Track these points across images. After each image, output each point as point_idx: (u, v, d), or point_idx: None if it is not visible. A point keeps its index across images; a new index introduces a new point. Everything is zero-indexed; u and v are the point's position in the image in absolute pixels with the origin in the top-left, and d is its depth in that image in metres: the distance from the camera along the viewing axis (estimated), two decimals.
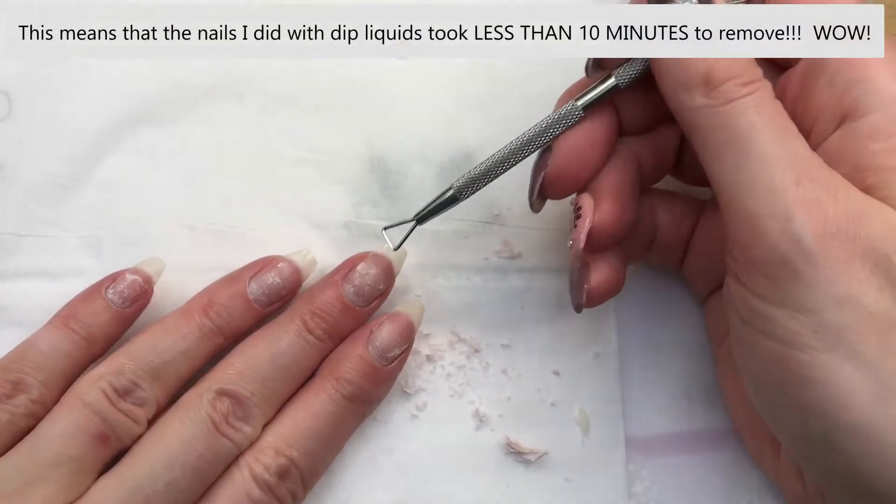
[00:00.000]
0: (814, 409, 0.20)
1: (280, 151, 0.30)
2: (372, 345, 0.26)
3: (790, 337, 0.20)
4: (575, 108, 0.24)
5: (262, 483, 0.24)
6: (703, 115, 0.22)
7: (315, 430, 0.25)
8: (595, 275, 0.25)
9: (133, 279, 0.26)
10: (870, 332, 0.19)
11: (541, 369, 0.29)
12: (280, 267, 0.27)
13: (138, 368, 0.25)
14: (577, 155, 0.25)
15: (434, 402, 0.29)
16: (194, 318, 0.26)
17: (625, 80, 0.24)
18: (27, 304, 0.28)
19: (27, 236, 0.29)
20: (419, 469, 0.28)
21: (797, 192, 0.20)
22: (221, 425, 0.24)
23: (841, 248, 0.20)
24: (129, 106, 0.30)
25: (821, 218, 0.20)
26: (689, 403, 0.30)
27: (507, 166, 0.25)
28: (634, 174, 0.25)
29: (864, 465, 0.20)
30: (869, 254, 0.20)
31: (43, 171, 0.29)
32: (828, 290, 0.20)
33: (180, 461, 0.24)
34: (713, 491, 0.29)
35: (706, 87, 0.21)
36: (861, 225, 0.20)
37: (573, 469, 0.29)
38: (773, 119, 0.21)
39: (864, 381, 0.19)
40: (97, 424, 0.24)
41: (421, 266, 0.29)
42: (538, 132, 0.25)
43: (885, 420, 0.19)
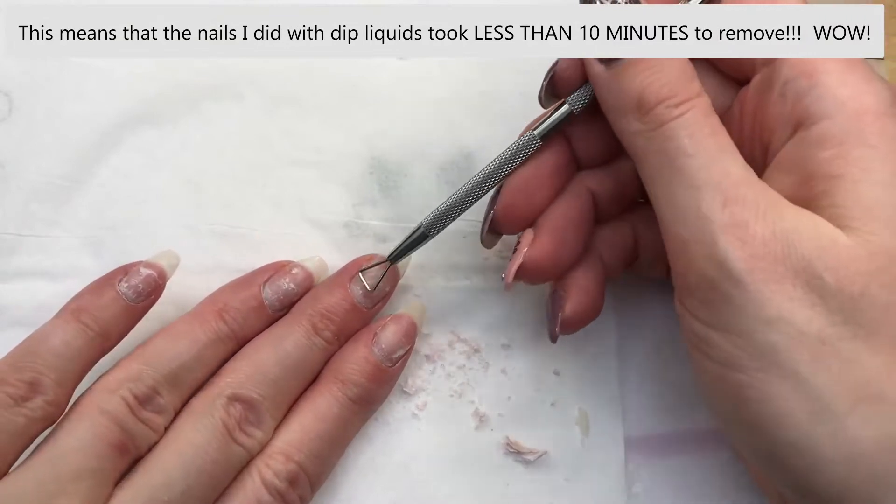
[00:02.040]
0: (756, 427, 0.20)
1: (280, 152, 0.30)
2: (377, 346, 0.26)
3: (727, 358, 0.20)
4: (532, 137, 0.24)
5: (272, 489, 0.24)
6: (639, 140, 0.22)
7: (322, 433, 0.25)
8: (569, 304, 0.25)
9: (148, 273, 0.25)
10: (802, 350, 0.19)
11: (540, 369, 0.29)
12: (295, 273, 0.27)
13: (157, 374, 0.24)
14: (523, 192, 0.25)
15: (434, 401, 0.29)
16: (209, 322, 0.26)
17: (578, 105, 0.24)
18: (28, 304, 0.28)
19: (28, 236, 0.29)
20: (419, 469, 0.28)
21: (723, 216, 0.20)
22: (234, 431, 0.24)
23: (769, 269, 0.20)
24: (129, 106, 0.30)
25: (747, 241, 0.20)
26: (689, 403, 0.30)
27: (471, 200, 0.25)
28: (583, 209, 0.25)
29: (810, 480, 0.20)
30: (801, 272, 0.19)
31: (43, 172, 0.29)
32: (757, 311, 0.20)
33: (195, 468, 0.23)
34: (712, 491, 0.29)
35: (639, 111, 0.21)
36: (792, 244, 0.20)
37: (573, 469, 0.29)
38: (705, 139, 0.21)
39: (799, 398, 0.19)
40: (117, 434, 0.23)
41: (421, 266, 0.30)
42: (498, 165, 0.25)
43: (821, 437, 0.19)
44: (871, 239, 0.20)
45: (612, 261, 0.27)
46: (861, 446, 0.19)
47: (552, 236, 0.25)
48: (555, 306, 0.26)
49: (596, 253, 0.26)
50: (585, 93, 0.24)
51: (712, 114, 0.21)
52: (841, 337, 0.19)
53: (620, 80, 0.22)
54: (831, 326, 0.19)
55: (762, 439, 0.20)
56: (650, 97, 0.21)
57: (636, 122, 0.22)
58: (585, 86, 0.24)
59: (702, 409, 0.30)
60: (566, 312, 0.25)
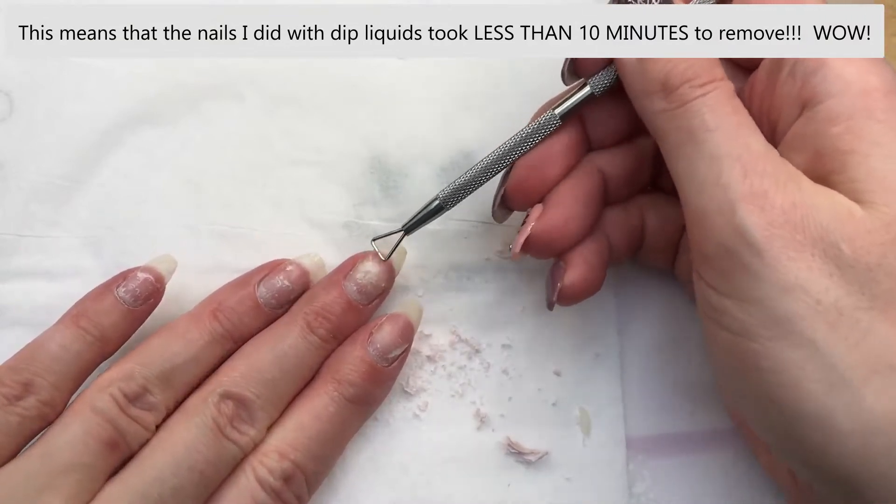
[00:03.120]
0: (771, 398, 0.20)
1: (280, 152, 0.30)
2: (372, 346, 0.26)
3: (742, 327, 0.21)
4: (553, 116, 0.25)
5: (267, 487, 0.24)
6: (662, 119, 0.22)
7: (319, 432, 0.25)
8: (569, 274, 0.26)
9: (145, 277, 0.26)
10: (819, 319, 0.20)
11: (542, 369, 0.29)
12: (289, 270, 0.27)
13: (148, 373, 0.25)
14: (535, 168, 0.25)
15: (435, 402, 0.29)
16: (204, 322, 0.26)
17: (599, 88, 0.24)
18: (28, 305, 0.28)
19: (28, 236, 0.29)
20: (420, 469, 0.28)
21: (744, 185, 0.20)
22: (226, 428, 0.24)
23: (788, 238, 0.20)
24: (129, 106, 0.30)
25: (767, 209, 0.20)
26: (690, 403, 0.30)
27: (489, 175, 0.26)
28: (593, 187, 0.26)
29: (825, 453, 0.20)
30: (818, 242, 0.20)
31: (44, 172, 0.29)
32: (775, 279, 0.20)
33: (186, 465, 0.24)
34: (713, 491, 0.29)
35: (664, 91, 0.22)
36: (810, 214, 0.20)
37: (574, 469, 0.29)
38: (727, 117, 0.21)
39: (815, 368, 0.20)
40: (107, 431, 0.24)
41: (422, 266, 0.29)
42: (518, 141, 0.25)
43: (838, 408, 0.19)
44: (886, 210, 0.20)
45: (618, 242, 0.27)
46: (877, 418, 0.19)
47: (560, 210, 0.25)
48: (555, 275, 0.26)
49: (602, 232, 0.27)
50: (607, 76, 0.24)
51: (735, 96, 0.22)
52: (857, 307, 0.19)
53: (647, 65, 0.22)
54: (848, 296, 0.19)
55: (775, 412, 0.20)
56: (675, 78, 0.22)
57: (661, 101, 0.22)
58: (607, 69, 0.24)
59: (703, 409, 0.30)
60: (565, 282, 0.26)
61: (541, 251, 0.26)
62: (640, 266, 0.30)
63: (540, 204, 0.26)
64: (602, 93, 0.25)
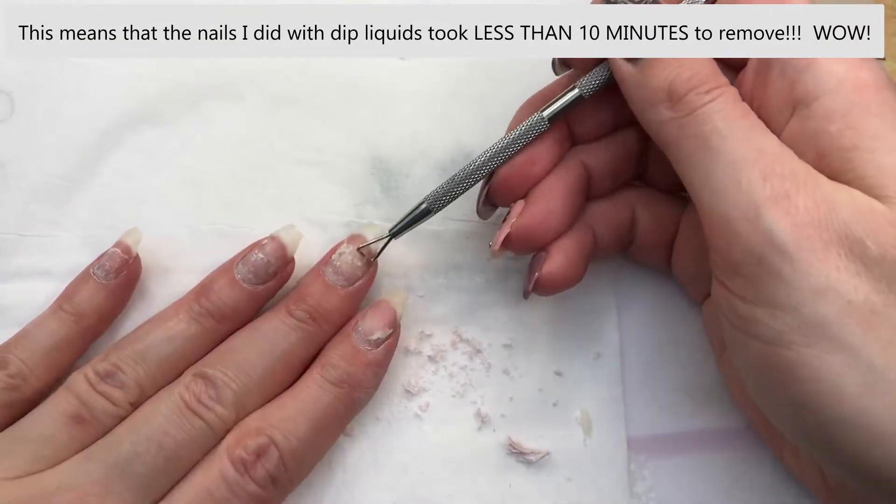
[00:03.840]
0: (807, 404, 0.20)
1: (281, 152, 0.30)
2: (355, 331, 0.27)
3: (774, 336, 0.20)
4: (541, 119, 0.25)
5: (237, 460, 0.24)
6: (671, 128, 0.22)
7: (299, 412, 0.25)
8: (548, 264, 0.26)
9: (113, 251, 0.27)
10: (852, 320, 0.19)
11: (543, 369, 0.29)
12: (263, 244, 0.27)
13: (122, 353, 0.25)
14: (518, 165, 0.25)
15: (436, 402, 0.29)
16: (184, 305, 0.26)
17: (588, 90, 0.24)
18: (28, 304, 0.28)
19: (28, 236, 0.29)
20: (421, 469, 0.28)
21: (765, 188, 0.20)
22: (192, 404, 0.25)
23: (815, 238, 0.20)
24: (129, 106, 0.30)
25: (791, 211, 0.20)
26: (691, 403, 0.30)
27: (476, 177, 0.26)
28: (575, 181, 0.26)
29: (866, 456, 0.19)
30: (843, 240, 0.20)
31: (44, 172, 0.29)
32: (806, 282, 0.19)
33: (155, 441, 0.24)
34: (714, 491, 0.29)
35: (670, 100, 0.22)
36: (832, 211, 0.20)
37: (575, 469, 0.29)
38: (738, 121, 0.21)
39: (852, 371, 0.19)
40: (73, 405, 0.25)
41: (423, 266, 0.29)
42: (507, 144, 0.25)
43: (877, 409, 0.19)
44: None
45: (605, 236, 0.27)
46: None
47: (540, 206, 0.25)
48: (533, 265, 0.26)
49: (586, 225, 0.27)
50: (596, 78, 0.24)
51: (740, 100, 0.22)
52: (888, 304, 0.19)
53: (648, 74, 0.22)
54: (877, 294, 0.19)
55: (812, 418, 0.20)
56: (680, 87, 0.22)
57: (667, 111, 0.22)
58: (596, 70, 0.24)
59: (704, 409, 0.30)
60: (542, 271, 0.26)
61: (521, 247, 0.26)
62: (640, 266, 0.30)
63: (522, 200, 0.26)
64: (591, 95, 0.25)
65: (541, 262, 0.26)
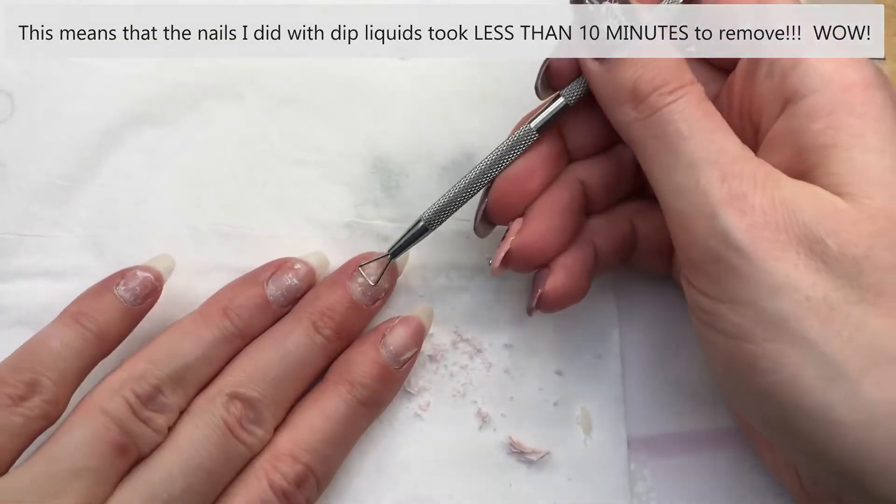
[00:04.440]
0: (769, 396, 0.20)
1: (281, 152, 0.30)
2: (385, 348, 0.26)
3: (735, 330, 0.21)
4: (529, 130, 0.25)
5: (279, 491, 0.24)
6: (636, 129, 0.22)
7: (330, 434, 0.25)
8: (550, 280, 0.26)
9: (145, 276, 0.26)
10: (810, 316, 0.19)
11: (543, 369, 0.29)
12: (297, 268, 0.27)
13: (160, 373, 0.24)
14: (514, 182, 0.25)
15: (437, 401, 0.29)
16: (214, 320, 0.26)
17: (573, 97, 0.24)
18: (28, 304, 0.28)
19: (28, 236, 0.28)
20: (422, 469, 0.28)
21: (722, 189, 0.20)
22: (235, 429, 0.24)
23: (771, 238, 0.20)
24: (130, 106, 0.30)
25: (747, 211, 0.20)
26: (692, 403, 0.30)
27: (472, 192, 0.26)
28: (572, 199, 0.26)
29: (826, 446, 0.20)
30: (803, 239, 0.20)
31: (45, 172, 0.29)
32: (763, 280, 0.20)
33: (195, 465, 0.23)
34: (715, 490, 0.29)
35: (634, 100, 0.22)
36: (792, 211, 0.20)
37: (575, 469, 0.29)
38: (699, 121, 0.21)
39: (810, 364, 0.20)
40: (116, 434, 0.23)
41: (423, 266, 0.29)
42: (496, 158, 0.25)
43: (834, 400, 0.19)
44: (869, 203, 0.20)
45: (606, 250, 0.27)
46: (877, 409, 0.19)
47: (539, 224, 0.25)
48: (536, 282, 0.26)
49: (587, 240, 0.27)
50: (579, 85, 0.25)
51: (705, 99, 0.22)
52: (847, 300, 0.19)
53: (614, 74, 0.22)
54: (837, 290, 0.19)
55: (776, 409, 0.20)
56: (644, 86, 0.22)
57: (632, 111, 0.22)
58: (579, 78, 0.24)
59: (704, 408, 0.30)
60: (546, 288, 0.26)
61: (520, 265, 0.26)
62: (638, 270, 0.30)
63: (520, 218, 0.26)
64: (576, 102, 0.25)
65: (543, 278, 0.26)
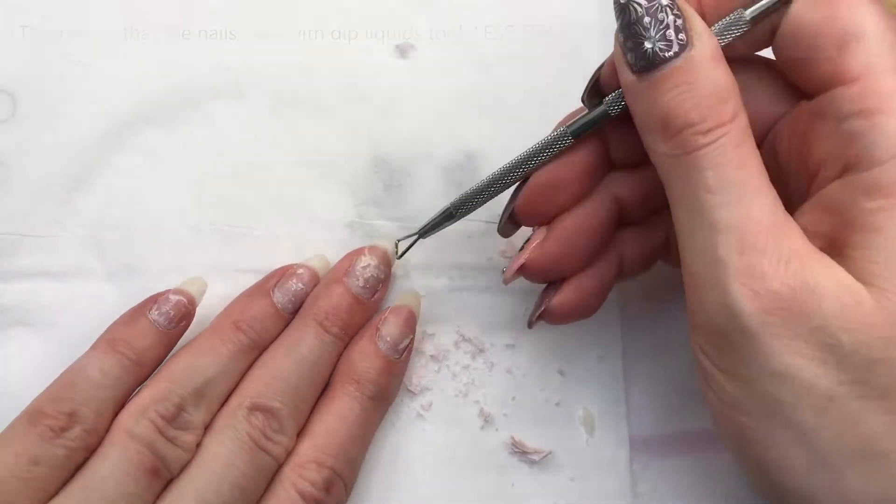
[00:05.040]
0: (759, 465, 0.20)
1: (282, 151, 0.30)
2: (382, 341, 0.27)
3: (730, 399, 0.20)
4: (564, 133, 0.23)
5: (309, 499, 0.24)
6: (664, 162, 0.21)
7: (349, 435, 0.25)
8: (558, 297, 0.25)
9: (178, 300, 0.26)
10: (806, 405, 0.19)
11: (545, 369, 0.29)
12: (301, 273, 0.27)
13: (182, 391, 0.24)
14: (546, 191, 0.24)
15: (439, 401, 0.29)
16: (228, 335, 0.26)
17: (615, 107, 0.23)
18: (30, 304, 0.28)
19: (30, 236, 0.28)
20: (424, 468, 0.28)
21: (740, 262, 0.19)
22: (260, 440, 0.24)
23: (782, 325, 0.19)
24: (130, 106, 0.29)
25: (762, 294, 0.19)
26: (694, 403, 0.29)
27: (497, 189, 0.25)
28: (602, 219, 0.25)
29: None
30: (816, 331, 0.19)
31: (46, 172, 0.29)
32: (765, 365, 0.19)
33: (227, 482, 0.23)
34: (716, 491, 0.29)
35: (664, 133, 0.20)
36: (812, 301, 0.19)
37: (577, 469, 0.29)
38: (731, 173, 0.19)
39: (801, 450, 0.19)
40: (149, 458, 0.23)
41: (425, 266, 0.29)
42: (526, 157, 0.24)
43: (820, 487, 0.19)
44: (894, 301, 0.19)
45: (634, 260, 0.26)
46: (858, 500, 0.19)
47: (560, 244, 0.25)
48: (544, 294, 0.26)
49: (614, 254, 0.26)
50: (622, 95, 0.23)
51: (744, 141, 0.20)
52: (849, 395, 0.19)
53: (648, 94, 0.20)
54: (840, 385, 0.19)
55: (764, 477, 0.20)
56: (677, 120, 0.20)
57: (662, 143, 0.20)
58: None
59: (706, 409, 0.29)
60: (552, 303, 0.25)
61: (535, 279, 0.26)
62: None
63: (544, 228, 0.25)
64: (619, 112, 0.23)
65: (552, 294, 0.25)
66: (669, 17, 0.20)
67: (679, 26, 0.20)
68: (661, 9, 0.20)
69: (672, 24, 0.20)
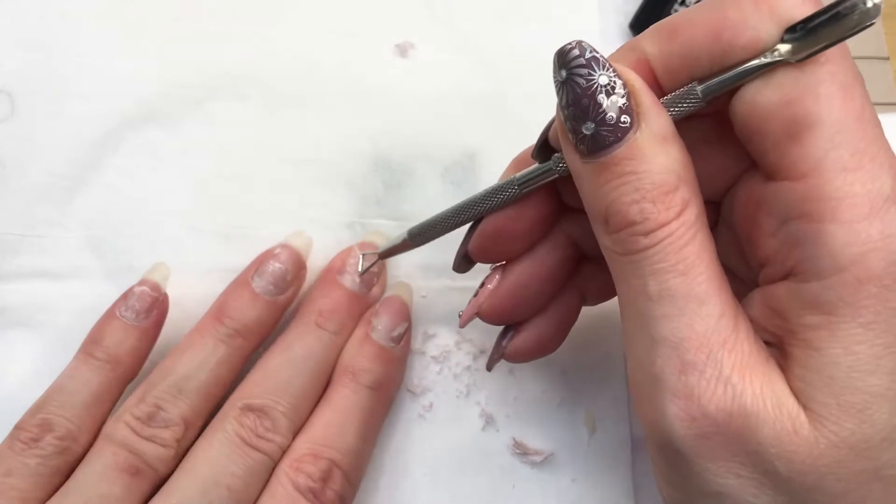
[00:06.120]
0: None
1: (283, 152, 0.30)
2: (374, 331, 0.27)
3: (674, 501, 0.20)
4: (511, 182, 0.22)
5: (305, 490, 0.24)
6: (608, 256, 0.19)
7: (345, 424, 0.25)
8: (515, 341, 0.25)
9: (141, 290, 0.26)
10: None
11: (547, 370, 0.29)
12: (277, 253, 0.27)
13: (157, 391, 0.24)
14: (497, 237, 0.23)
15: (440, 402, 0.29)
16: (208, 329, 0.26)
17: (563, 168, 0.21)
18: (29, 304, 0.28)
19: (29, 236, 0.28)
20: (425, 469, 0.28)
21: (678, 383, 0.18)
22: (251, 439, 0.24)
23: (718, 449, 0.18)
24: (130, 106, 0.29)
25: (698, 419, 0.18)
26: None
27: (452, 223, 0.24)
28: (556, 264, 0.24)
29: None
30: (752, 455, 0.18)
31: (46, 172, 0.29)
32: (700, 485, 0.19)
33: (213, 483, 0.23)
34: None
35: (606, 227, 0.19)
36: (748, 426, 0.18)
37: (579, 469, 0.29)
38: (671, 282, 0.18)
39: None
40: (124, 458, 0.23)
41: (426, 266, 0.29)
42: (478, 199, 0.23)
43: None
44: (834, 430, 0.18)
45: (597, 293, 0.25)
46: None
47: (513, 294, 0.24)
48: (501, 337, 0.25)
49: (571, 293, 0.25)
50: None
51: (692, 240, 0.18)
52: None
53: (591, 180, 0.19)
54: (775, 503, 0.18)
55: None
56: (617, 217, 0.18)
57: (605, 235, 0.19)
58: None
59: None
60: (508, 349, 0.25)
61: (491, 323, 0.25)
62: None
63: (499, 269, 0.24)
64: (566, 174, 0.21)
65: (510, 337, 0.25)
66: (612, 97, 0.18)
67: (622, 107, 0.18)
68: (601, 90, 0.18)
69: (614, 105, 0.18)
